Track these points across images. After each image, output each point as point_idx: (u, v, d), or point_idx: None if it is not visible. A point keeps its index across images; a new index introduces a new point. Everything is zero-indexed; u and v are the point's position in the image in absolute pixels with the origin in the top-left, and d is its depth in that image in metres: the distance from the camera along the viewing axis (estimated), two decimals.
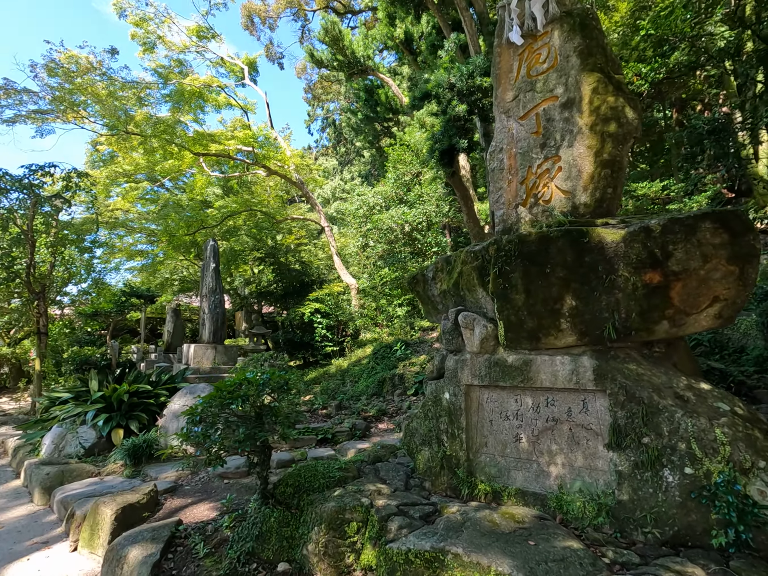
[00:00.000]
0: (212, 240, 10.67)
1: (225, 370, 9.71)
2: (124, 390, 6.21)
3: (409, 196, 14.23)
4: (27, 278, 9.07)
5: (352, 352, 13.46)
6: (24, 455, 6.17)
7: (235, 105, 15.10)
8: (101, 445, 6.03)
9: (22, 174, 9.02)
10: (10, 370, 14.01)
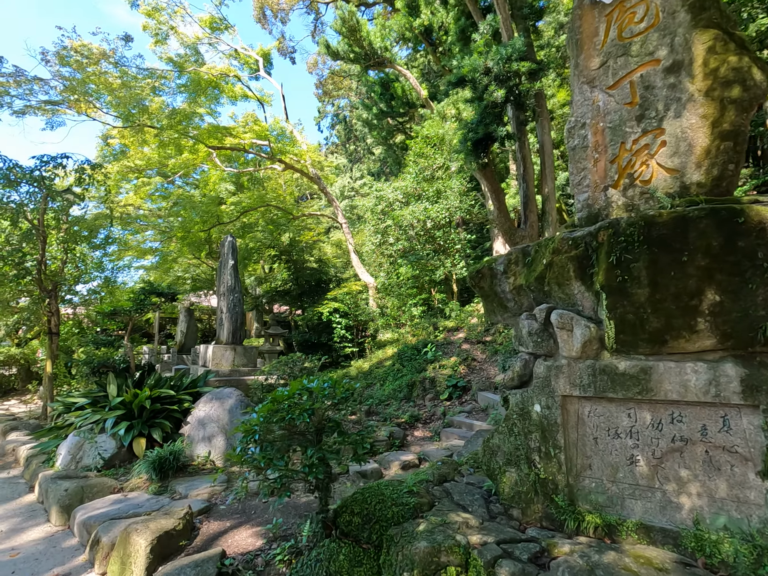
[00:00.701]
0: (230, 236, 10.18)
1: (245, 372, 9.21)
2: (145, 396, 5.71)
3: (428, 192, 13.70)
4: (38, 275, 8.60)
5: (373, 354, 12.95)
6: (38, 466, 5.69)
7: (251, 97, 14.60)
8: (122, 455, 5.53)
9: (33, 165, 8.56)
10: (18, 371, 13.58)
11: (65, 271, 9.54)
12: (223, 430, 5.69)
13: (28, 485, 5.47)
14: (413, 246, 13.48)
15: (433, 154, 13.59)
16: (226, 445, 5.59)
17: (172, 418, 5.99)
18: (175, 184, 18.16)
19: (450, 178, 13.36)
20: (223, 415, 5.77)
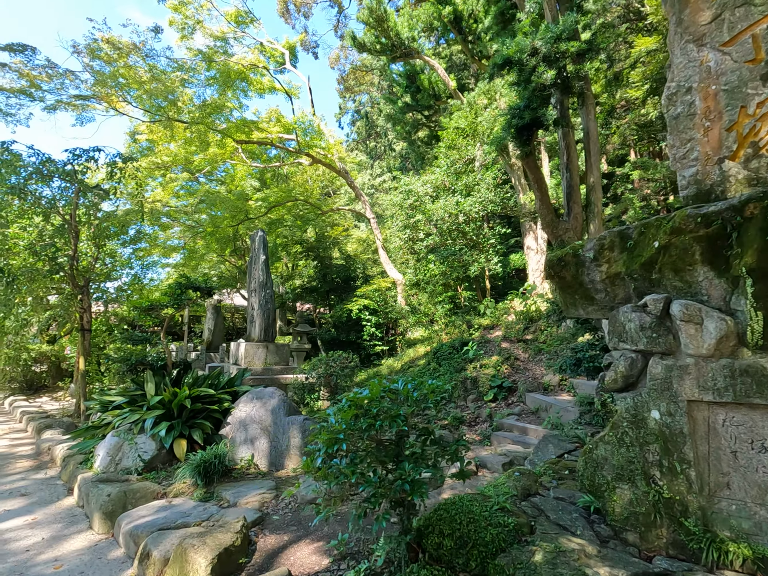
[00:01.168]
0: (260, 231, 9.91)
1: (277, 370, 8.92)
2: (185, 395, 5.43)
3: (457, 186, 13.23)
4: (70, 271, 8.46)
5: (404, 352, 12.56)
6: (75, 467, 5.46)
7: (279, 89, 14.35)
8: (162, 457, 5.26)
9: (65, 159, 8.42)
10: (49, 368, 13.64)
11: (96, 268, 9.41)
12: (266, 432, 5.37)
13: (67, 487, 5.25)
14: (444, 241, 13.04)
15: (465, 146, 13.10)
16: (270, 447, 5.26)
17: (212, 419, 5.70)
18: (200, 181, 18.10)
19: (484, 169, 12.86)
20: (265, 417, 5.45)
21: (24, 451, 7.03)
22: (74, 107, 10.92)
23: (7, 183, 7.40)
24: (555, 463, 4.00)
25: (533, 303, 10.57)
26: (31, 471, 5.93)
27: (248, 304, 10.23)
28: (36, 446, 6.94)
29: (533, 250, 15.47)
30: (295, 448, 5.13)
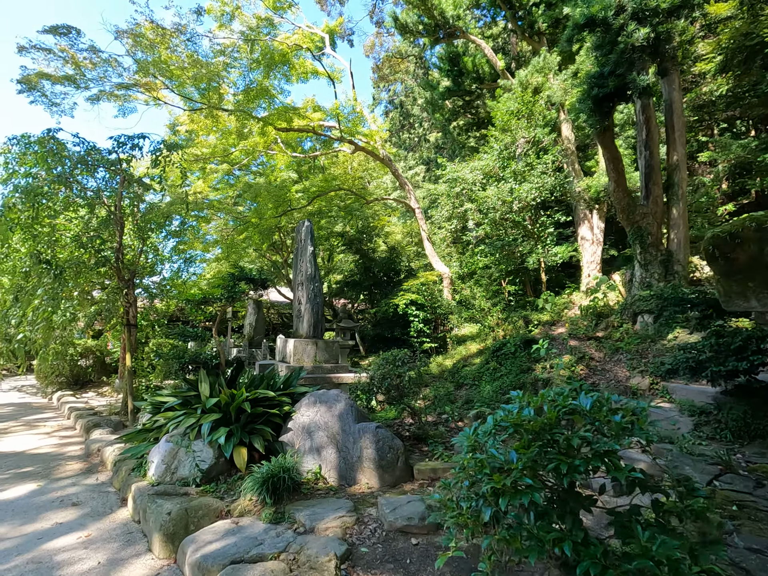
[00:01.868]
0: (307, 220, 9.35)
1: (328, 369, 8.36)
2: (244, 397, 4.89)
3: (507, 172, 12.30)
4: (116, 264, 8.14)
5: (454, 350, 11.80)
6: (128, 474, 5.03)
7: (321, 73, 13.78)
8: (220, 466, 4.75)
9: (110, 147, 8.10)
10: (93, 364, 13.63)
11: (140, 262, 9.10)
12: (333, 440, 4.76)
13: (120, 497, 4.81)
14: (496, 231, 12.17)
15: (518, 128, 12.14)
16: (339, 459, 4.65)
17: (272, 424, 5.15)
18: (238, 174, 17.79)
19: (542, 153, 11.89)
20: (332, 423, 4.85)
21: (73, 451, 6.73)
22: (116, 98, 10.71)
23: (54, 172, 7.09)
24: (710, 493, 3.20)
25: (603, 297, 9.60)
26: (82, 475, 5.57)
27: (294, 298, 9.72)
28: (85, 447, 6.62)
29: (588, 241, 14.35)
30: (369, 461, 4.50)
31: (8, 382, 15.09)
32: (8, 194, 6.50)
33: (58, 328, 8.11)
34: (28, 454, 6.51)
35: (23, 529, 4.02)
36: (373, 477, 4.47)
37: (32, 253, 6.60)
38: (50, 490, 5.03)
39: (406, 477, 4.60)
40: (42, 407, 10.73)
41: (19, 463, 6.09)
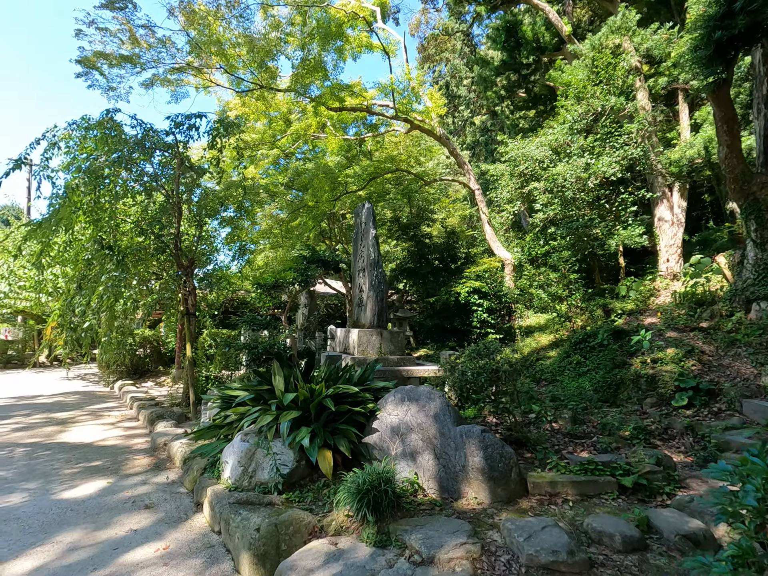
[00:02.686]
0: (367, 202, 8.70)
1: (394, 361, 7.72)
2: (326, 394, 4.31)
3: (579, 145, 11.10)
4: (175, 250, 7.82)
5: (523, 342, 10.88)
6: (200, 473, 4.60)
7: (376, 46, 13.01)
8: (302, 470, 4.20)
9: (167, 127, 7.75)
10: (150, 353, 13.74)
11: (198, 250, 8.79)
12: (430, 445, 4.09)
13: (193, 499, 4.38)
14: (568, 211, 11.05)
15: (593, 96, 10.89)
16: (438, 467, 3.98)
17: (355, 423, 4.55)
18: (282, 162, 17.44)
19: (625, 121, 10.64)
20: (427, 424, 4.17)
21: (139, 444, 6.47)
22: (169, 83, 10.50)
23: (114, 155, 6.79)
24: None
25: (705, 283, 8.38)
26: (151, 472, 5.22)
27: (353, 285, 9.14)
28: (151, 440, 6.33)
29: (668, 222, 12.91)
30: (477, 471, 3.80)
31: (72, 370, 15.58)
32: (72, 176, 6.24)
33: (120, 317, 7.92)
34: (96, 446, 6.31)
35: (97, 535, 3.62)
36: (482, 490, 3.76)
37: (95, 238, 6.34)
38: (121, 488, 4.69)
39: (521, 491, 3.87)
40: (105, 396, 10.81)
41: (87, 455, 5.86)
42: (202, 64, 10.56)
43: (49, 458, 5.73)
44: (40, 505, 4.24)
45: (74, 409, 8.97)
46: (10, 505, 4.24)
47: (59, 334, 7.12)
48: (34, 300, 13.32)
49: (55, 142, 7.26)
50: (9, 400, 10.02)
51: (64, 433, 7.04)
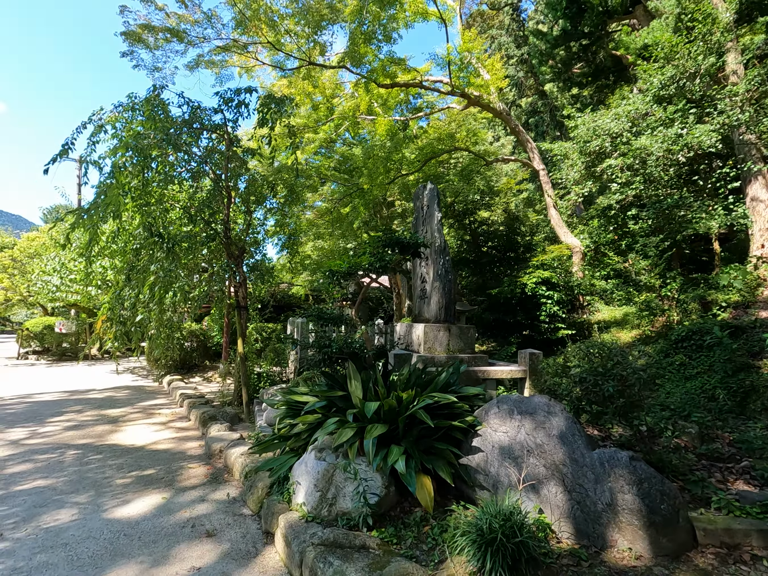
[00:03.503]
0: (430, 183, 7.82)
1: (465, 360, 6.84)
2: (419, 404, 3.51)
3: (655, 117, 9.71)
4: (225, 239, 7.24)
5: (599, 338, 9.69)
6: (266, 492, 3.93)
7: (432, 13, 11.99)
8: (391, 498, 3.43)
9: (216, 105, 7.16)
10: (197, 347, 13.49)
11: (247, 241, 8.21)
12: (556, 473, 3.20)
13: (260, 526, 3.70)
14: (652, 191, 9.71)
15: (684, 57, 9.45)
16: (570, 503, 3.09)
17: (451, 440, 3.72)
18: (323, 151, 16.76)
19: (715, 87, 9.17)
20: (550, 446, 3.28)
21: (193, 448, 5.94)
22: (214, 65, 10.01)
23: (161, 134, 6.23)
24: None
25: None
26: (208, 486, 4.62)
27: (414, 276, 8.30)
28: (205, 445, 5.78)
29: (763, 203, 11.25)
30: (629, 513, 2.88)
31: (121, 363, 15.67)
32: (119, 152, 5.72)
33: (169, 309, 7.45)
34: (148, 451, 5.82)
35: (155, 574, 2.99)
36: (639, 539, 2.85)
37: (144, 224, 5.81)
38: (177, 506, 4.09)
39: (688, 541, 2.92)
40: (154, 392, 10.55)
41: (140, 462, 5.36)
42: (247, 41, 9.99)
43: (100, 464, 5.27)
44: (90, 526, 3.68)
45: (125, 406, 8.68)
46: (58, 524, 3.72)
47: (108, 327, 6.70)
48: (83, 293, 13.30)
49: (101, 125, 6.80)
50: (63, 394, 9.92)
51: (115, 434, 6.64)
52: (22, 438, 6.34)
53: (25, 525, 3.71)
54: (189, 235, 6.59)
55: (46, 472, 4.97)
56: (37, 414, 7.85)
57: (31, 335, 18.57)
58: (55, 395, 9.75)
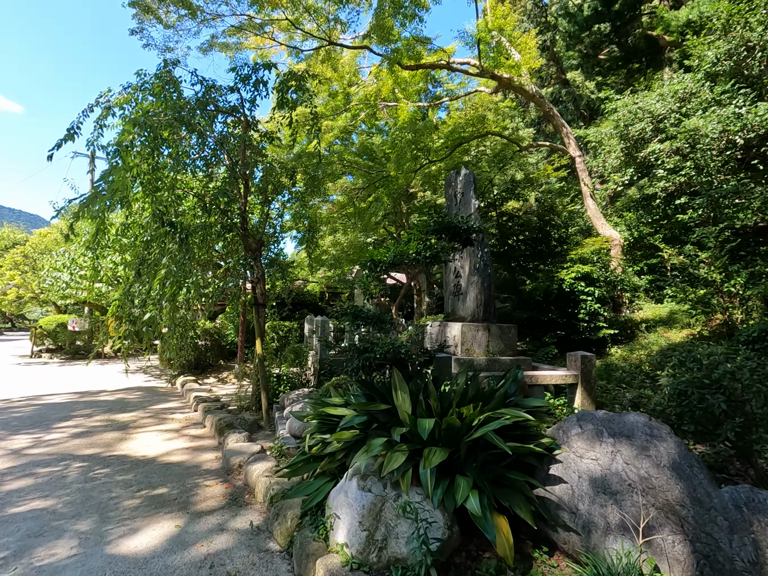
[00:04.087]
0: (464, 168, 7.11)
1: (506, 363, 6.13)
2: (490, 426, 2.83)
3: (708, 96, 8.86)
4: (242, 229, 6.63)
5: (645, 338, 8.92)
6: (295, 523, 3.31)
7: None
8: (454, 541, 2.78)
9: (232, 83, 6.55)
10: (211, 346, 12.98)
11: (265, 233, 7.60)
12: (672, 516, 2.51)
13: (291, 568, 3.08)
14: (704, 178, 8.86)
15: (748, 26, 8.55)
16: (696, 559, 2.39)
17: (523, 467, 3.05)
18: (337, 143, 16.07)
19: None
20: (661, 481, 2.59)
21: (209, 461, 5.35)
22: (228, 48, 9.43)
23: (173, 113, 5.63)
24: None
25: None
26: (227, 509, 4.01)
27: (445, 271, 7.62)
28: (223, 459, 5.18)
29: None
30: None
31: (133, 362, 15.28)
32: (125, 127, 5.14)
33: (182, 307, 6.87)
34: (159, 464, 5.25)
35: None
36: None
37: (155, 212, 5.22)
38: (192, 537, 3.49)
39: None
40: (167, 393, 10.05)
41: (150, 477, 4.79)
42: (263, 20, 9.39)
43: (106, 479, 4.70)
44: (90, 564, 3.10)
45: (136, 409, 8.17)
46: (54, 561, 3.14)
47: (118, 326, 6.14)
48: (90, 290, 12.76)
49: (109, 106, 6.23)
50: (73, 396, 9.46)
51: (125, 442, 6.10)
52: (25, 447, 5.83)
53: (15, 561, 3.14)
54: (204, 226, 5.99)
55: (46, 489, 4.42)
56: (44, 418, 7.36)
57: (45, 333, 18.33)
58: (65, 397, 9.30)
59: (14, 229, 30.01)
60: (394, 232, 16.01)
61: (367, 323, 3.86)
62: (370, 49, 10.44)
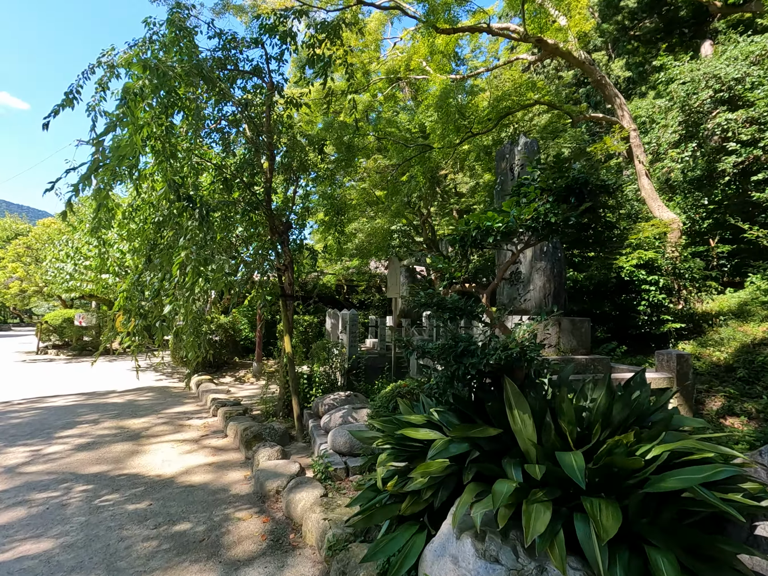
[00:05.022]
0: (523, 136, 6.11)
1: (583, 363, 5.17)
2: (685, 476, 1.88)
3: None
4: (267, 208, 5.69)
5: (718, 333, 7.89)
6: None
7: None
8: None
9: (254, 35, 5.58)
10: (226, 342, 12.11)
11: (290, 211, 6.66)
12: None
13: None
14: None
15: None
16: None
17: (713, 525, 2.09)
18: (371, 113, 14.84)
19: None
20: None
21: (238, 482, 4.46)
22: (243, 12, 8.44)
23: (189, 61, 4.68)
24: None
25: None
26: (270, 556, 3.12)
27: (499, 253, 6.64)
28: (256, 482, 4.27)
29: None
30: None
31: (143, 359, 14.49)
32: (133, 71, 4.21)
33: (200, 298, 5.95)
34: (179, 487, 4.36)
35: None
36: None
37: (170, 182, 4.29)
38: None
39: None
40: (180, 395, 9.20)
41: (169, 506, 3.90)
42: None
43: (115, 510, 3.82)
44: None
45: (149, 414, 7.32)
46: None
47: (126, 321, 5.25)
48: (96, 281, 11.84)
49: (113, 64, 5.28)
50: (78, 398, 8.65)
51: (137, 457, 5.23)
52: (21, 463, 4.98)
53: None
54: (226, 203, 5.06)
55: (41, 526, 3.55)
56: (46, 425, 6.53)
57: (51, 328, 17.63)
58: (70, 399, 8.49)
59: (16, 220, 29.20)
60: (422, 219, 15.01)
61: (454, 316, 2.93)
62: (403, 10, 9.35)
